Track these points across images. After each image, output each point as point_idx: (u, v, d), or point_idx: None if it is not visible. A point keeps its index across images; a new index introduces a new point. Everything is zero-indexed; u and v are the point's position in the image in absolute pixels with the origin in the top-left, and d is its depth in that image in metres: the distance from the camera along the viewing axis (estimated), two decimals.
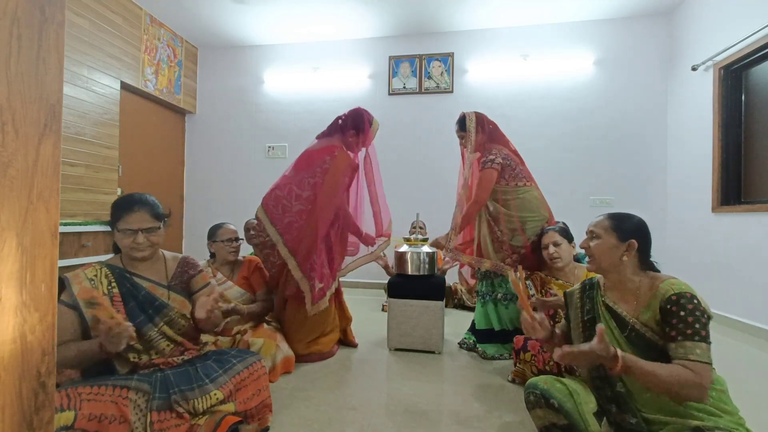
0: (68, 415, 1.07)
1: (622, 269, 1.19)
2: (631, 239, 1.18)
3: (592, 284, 1.31)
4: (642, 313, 1.13)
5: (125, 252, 1.37)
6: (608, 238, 1.20)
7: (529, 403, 1.24)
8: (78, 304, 1.26)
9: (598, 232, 1.23)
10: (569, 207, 3.93)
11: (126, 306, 1.32)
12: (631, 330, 1.14)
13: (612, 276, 1.22)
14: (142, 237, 1.34)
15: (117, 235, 1.35)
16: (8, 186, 0.54)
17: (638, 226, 1.22)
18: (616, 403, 1.13)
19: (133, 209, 1.34)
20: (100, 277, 1.33)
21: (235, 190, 4.68)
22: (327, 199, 2.12)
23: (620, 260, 1.18)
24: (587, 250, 1.25)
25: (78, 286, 1.28)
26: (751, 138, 3.10)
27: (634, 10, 3.87)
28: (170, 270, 1.47)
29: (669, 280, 1.12)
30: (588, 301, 1.28)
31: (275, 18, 4.08)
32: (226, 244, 2.15)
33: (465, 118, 2.44)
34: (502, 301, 2.38)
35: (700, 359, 0.98)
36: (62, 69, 0.62)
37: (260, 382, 1.42)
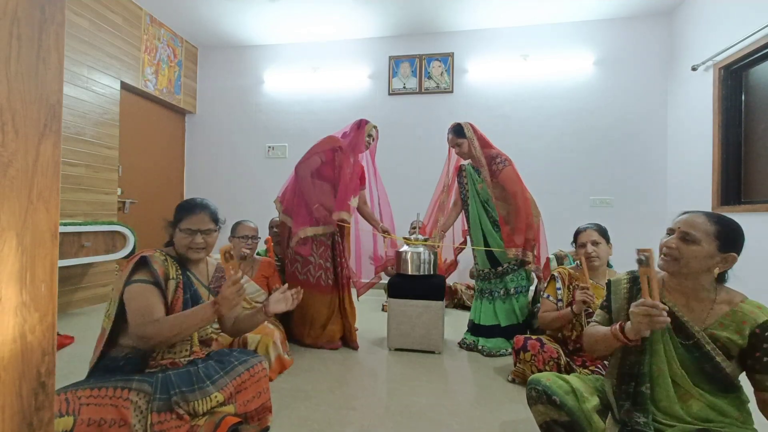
0: (67, 420, 1.07)
1: (704, 278, 1.08)
2: (733, 252, 1.06)
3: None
4: (714, 328, 1.05)
5: (182, 252, 1.43)
6: (708, 245, 1.04)
7: (530, 399, 1.24)
8: (160, 281, 1.31)
9: (695, 236, 1.05)
10: (569, 207, 3.93)
11: (184, 295, 1.37)
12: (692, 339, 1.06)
13: (688, 282, 1.10)
14: (201, 237, 1.41)
15: (177, 234, 1.42)
16: (8, 186, 0.54)
17: (741, 236, 1.09)
18: (633, 401, 1.10)
19: (195, 212, 1.43)
20: (169, 262, 1.38)
21: (235, 190, 4.68)
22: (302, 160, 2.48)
23: (709, 270, 1.06)
24: (671, 251, 1.08)
25: (156, 264, 1.33)
26: (751, 138, 3.10)
27: (634, 10, 3.87)
28: (210, 273, 1.53)
29: (750, 301, 1.06)
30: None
31: (275, 18, 4.08)
32: (241, 240, 2.24)
33: (461, 127, 2.54)
34: (515, 294, 2.46)
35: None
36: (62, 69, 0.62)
37: (261, 384, 1.42)
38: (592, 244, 1.89)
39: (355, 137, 2.56)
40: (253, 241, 2.26)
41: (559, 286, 1.96)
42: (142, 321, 1.23)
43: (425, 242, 2.55)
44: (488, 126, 2.67)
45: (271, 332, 1.98)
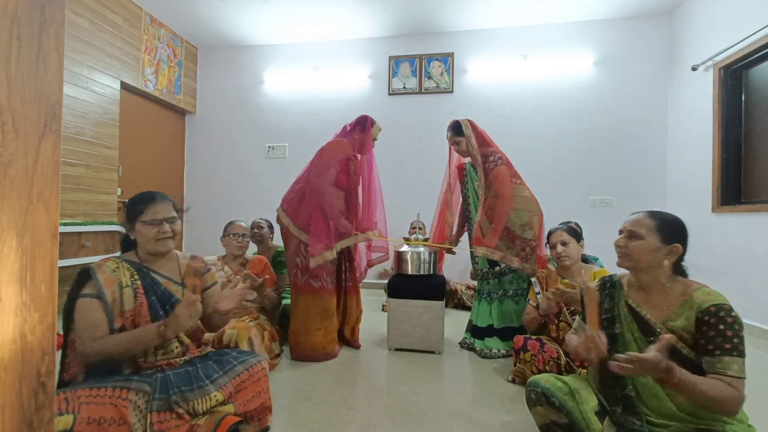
0: (67, 418, 1.07)
1: (658, 272, 1.14)
2: (676, 243, 1.13)
3: (612, 282, 1.25)
4: (671, 320, 1.09)
5: (148, 246, 1.37)
6: (652, 239, 1.13)
7: (530, 401, 1.24)
8: (104, 294, 1.26)
9: (639, 232, 1.14)
10: (569, 207, 3.93)
11: (148, 299, 1.33)
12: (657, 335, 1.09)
13: (645, 277, 1.16)
14: (167, 226, 1.37)
15: (140, 228, 1.36)
16: (8, 186, 0.54)
17: (682, 228, 1.15)
18: (623, 405, 1.11)
19: (156, 200, 1.38)
20: (122, 269, 1.33)
21: (235, 190, 4.68)
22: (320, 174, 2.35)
23: (659, 263, 1.13)
24: (622, 249, 1.17)
25: (103, 275, 1.28)
26: (751, 138, 3.10)
27: (634, 10, 3.87)
28: (182, 267, 1.49)
29: (703, 288, 1.09)
30: (608, 300, 1.22)
31: (275, 18, 4.08)
32: (233, 238, 2.24)
33: (459, 125, 2.53)
34: (513, 297, 2.43)
35: (739, 375, 0.97)
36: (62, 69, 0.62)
37: (261, 383, 1.42)
38: (561, 245, 1.98)
39: (361, 139, 2.48)
40: (243, 240, 2.26)
41: (538, 290, 2.06)
42: (87, 339, 1.21)
43: (425, 242, 2.55)
44: (488, 126, 2.66)
45: (248, 328, 1.92)
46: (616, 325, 1.18)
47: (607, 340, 1.10)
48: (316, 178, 2.34)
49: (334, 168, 2.36)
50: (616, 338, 1.16)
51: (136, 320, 1.30)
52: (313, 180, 2.34)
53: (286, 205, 2.40)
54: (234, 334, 1.86)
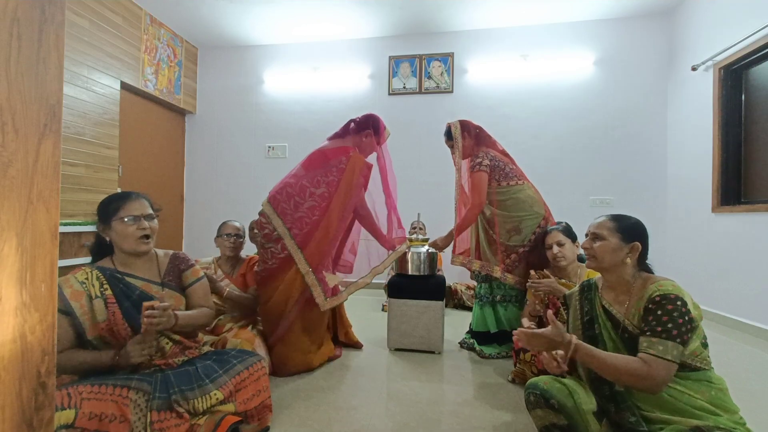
0: (69, 413, 1.07)
1: (623, 270, 1.22)
2: (635, 241, 1.21)
3: (590, 286, 1.33)
4: (632, 314, 1.16)
5: (127, 245, 1.34)
6: (612, 239, 1.22)
7: (529, 403, 1.24)
8: (71, 309, 1.24)
9: (601, 234, 1.24)
10: (569, 207, 3.93)
11: (121, 307, 1.30)
12: (623, 330, 1.16)
13: (611, 277, 1.25)
14: (146, 223, 1.34)
15: (117, 227, 1.32)
16: (8, 186, 0.54)
17: (640, 228, 1.25)
18: (614, 402, 1.13)
19: (132, 198, 1.35)
20: (91, 279, 1.30)
21: (235, 190, 4.68)
22: (345, 196, 2.14)
23: (622, 262, 1.21)
24: (589, 250, 1.27)
25: (69, 290, 1.26)
26: (751, 138, 3.10)
27: (634, 10, 3.87)
28: (162, 267, 1.46)
29: (660, 281, 1.13)
30: (587, 303, 1.30)
31: (275, 18, 4.08)
32: (225, 238, 2.20)
33: (450, 129, 2.49)
34: (501, 302, 2.39)
35: (660, 354, 1.01)
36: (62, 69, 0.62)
37: (260, 382, 1.42)
38: (557, 245, 1.99)
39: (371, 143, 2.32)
40: (236, 240, 2.21)
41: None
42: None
43: (425, 242, 2.55)
44: (488, 126, 2.65)
45: (252, 337, 1.93)
46: (595, 326, 1.25)
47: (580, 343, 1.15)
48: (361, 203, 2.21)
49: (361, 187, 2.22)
50: (596, 338, 1.22)
51: (114, 329, 1.28)
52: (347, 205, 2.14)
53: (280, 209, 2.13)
54: (237, 344, 1.87)
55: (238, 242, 2.22)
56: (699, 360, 1.08)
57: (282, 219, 2.12)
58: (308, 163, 2.23)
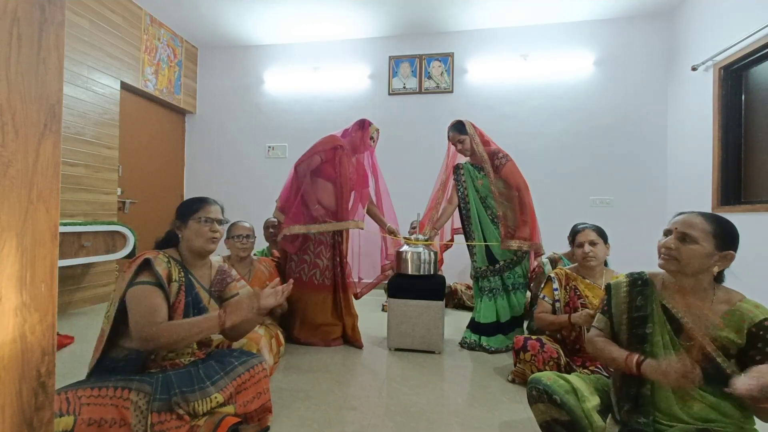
0: (68, 419, 1.07)
1: (704, 278, 1.09)
2: (730, 250, 1.08)
3: (644, 280, 1.20)
4: (714, 329, 1.06)
5: (197, 243, 1.41)
6: (706, 244, 1.07)
7: (531, 397, 1.24)
8: (164, 283, 1.29)
9: (693, 235, 1.07)
10: (569, 207, 3.93)
11: (186, 298, 1.36)
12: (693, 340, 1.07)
13: (685, 281, 1.11)
14: (218, 226, 1.44)
15: (193, 225, 1.41)
16: (8, 186, 0.54)
17: (737, 235, 1.10)
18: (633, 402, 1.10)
19: (210, 202, 1.46)
20: (172, 264, 1.37)
21: (235, 190, 4.68)
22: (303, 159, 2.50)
23: (708, 270, 1.08)
24: (670, 251, 1.10)
25: (160, 267, 1.32)
26: (751, 138, 3.10)
27: (634, 10, 3.87)
28: (212, 276, 1.52)
29: (748, 300, 1.08)
30: (640, 298, 1.17)
31: (275, 18, 4.08)
32: (236, 240, 2.20)
33: (462, 124, 2.57)
34: (513, 290, 2.50)
35: None
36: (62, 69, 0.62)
37: (261, 384, 1.42)
38: (589, 244, 1.90)
39: (357, 136, 2.60)
40: (248, 240, 2.22)
41: (556, 287, 1.96)
42: (146, 323, 1.22)
43: (425, 242, 2.55)
44: (488, 126, 2.67)
45: (258, 338, 1.93)
46: (647, 325, 1.13)
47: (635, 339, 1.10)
48: (299, 163, 2.48)
49: (318, 156, 2.48)
50: (645, 338, 1.13)
51: (172, 316, 1.32)
52: (296, 164, 2.49)
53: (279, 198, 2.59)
54: (243, 344, 1.87)
55: (249, 243, 2.23)
56: None
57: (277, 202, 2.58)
58: None
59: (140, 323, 1.22)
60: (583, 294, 1.89)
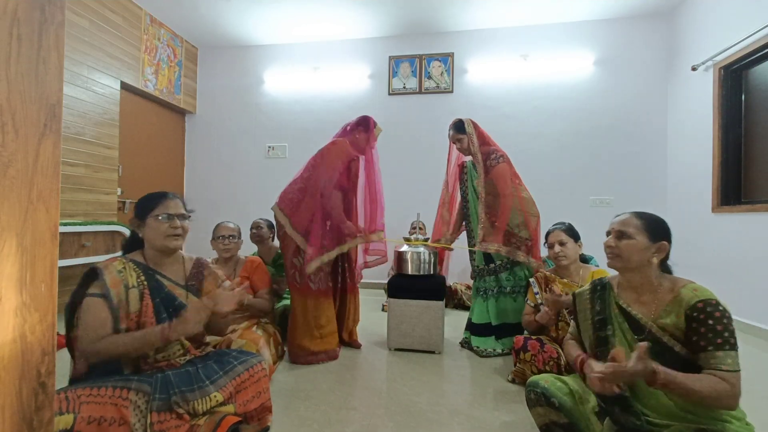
0: (67, 418, 1.07)
1: (647, 271, 1.17)
2: (663, 240, 1.16)
3: (603, 285, 1.28)
4: (661, 317, 1.11)
5: (158, 243, 1.37)
6: (640, 238, 1.17)
7: (530, 401, 1.24)
8: (110, 294, 1.26)
9: (628, 232, 1.18)
10: (569, 207, 3.93)
11: (153, 301, 1.33)
12: (648, 334, 1.11)
13: (633, 277, 1.19)
14: (178, 222, 1.38)
15: (152, 224, 1.36)
16: (8, 186, 0.54)
17: (667, 227, 1.20)
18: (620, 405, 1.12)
19: (169, 197, 1.40)
20: (128, 269, 1.33)
21: (235, 190, 4.68)
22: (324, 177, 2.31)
23: (648, 261, 1.16)
24: (613, 249, 1.20)
25: (109, 276, 1.28)
26: (751, 138, 3.10)
27: (634, 11, 3.87)
28: (187, 270, 1.49)
29: (690, 284, 1.10)
30: (599, 302, 1.25)
31: (275, 18, 4.08)
32: (219, 241, 2.18)
33: (462, 123, 2.55)
34: (511, 294, 2.43)
35: (732, 368, 0.97)
36: (62, 69, 0.62)
37: (261, 384, 1.42)
38: (559, 245, 1.99)
39: (362, 138, 2.45)
40: (230, 241, 2.18)
41: (537, 291, 2.07)
42: (88, 339, 1.20)
43: (425, 242, 2.55)
44: (488, 126, 2.66)
45: (257, 338, 1.92)
46: (608, 327, 1.20)
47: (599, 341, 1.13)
48: (326, 181, 2.29)
49: (337, 171, 2.34)
50: (607, 339, 1.18)
51: (141, 322, 1.30)
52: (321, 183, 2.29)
53: (284, 204, 2.36)
54: (242, 345, 1.86)
55: (233, 243, 2.19)
56: None
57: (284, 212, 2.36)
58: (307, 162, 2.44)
59: (83, 339, 1.21)
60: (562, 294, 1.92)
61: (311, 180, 2.34)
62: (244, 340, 1.89)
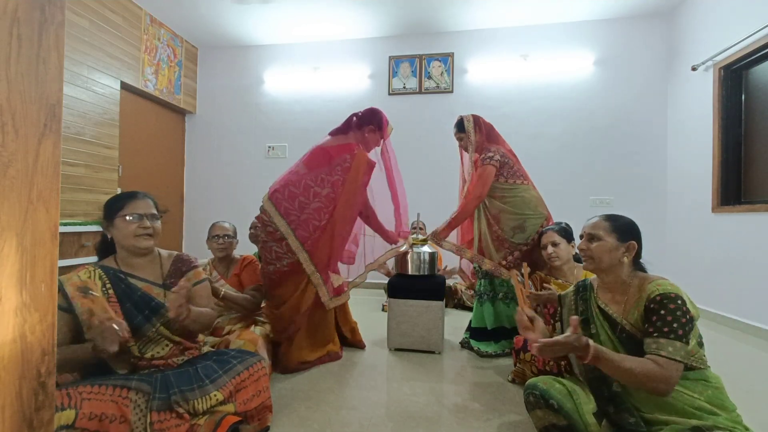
0: (69, 413, 1.07)
1: (619, 270, 1.22)
2: (631, 240, 1.22)
3: (585, 286, 1.34)
4: (630, 314, 1.16)
5: (127, 243, 1.34)
6: (609, 239, 1.22)
7: (528, 403, 1.24)
8: (72, 307, 1.23)
9: (597, 234, 1.24)
10: (569, 207, 3.92)
11: (122, 307, 1.30)
12: (621, 330, 1.17)
13: (607, 277, 1.25)
14: (148, 221, 1.34)
15: (119, 224, 1.33)
16: (8, 186, 0.54)
17: (635, 227, 1.26)
18: (613, 403, 1.14)
19: (138, 197, 1.37)
20: (93, 278, 1.30)
21: (235, 190, 4.68)
22: (350, 197, 2.13)
23: (619, 261, 1.21)
24: (585, 251, 1.26)
25: (71, 287, 1.25)
26: (751, 138, 3.10)
27: (634, 10, 3.87)
28: (165, 268, 1.45)
29: (657, 280, 1.14)
30: (582, 303, 1.31)
31: (275, 18, 4.08)
32: (213, 240, 2.17)
33: (463, 121, 2.51)
34: (504, 300, 2.39)
35: (670, 356, 1.01)
36: (62, 69, 0.62)
37: (260, 383, 1.42)
38: (551, 246, 2.00)
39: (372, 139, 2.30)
40: (225, 241, 2.16)
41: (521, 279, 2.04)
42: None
43: (425, 242, 2.55)
44: None
45: (255, 338, 1.91)
46: (591, 326, 1.25)
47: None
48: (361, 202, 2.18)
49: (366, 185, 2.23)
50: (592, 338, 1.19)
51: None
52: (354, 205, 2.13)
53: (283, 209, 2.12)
54: (240, 345, 1.86)
55: (228, 243, 2.18)
56: (696, 359, 1.08)
57: (285, 219, 2.11)
58: (310, 161, 2.19)
59: None
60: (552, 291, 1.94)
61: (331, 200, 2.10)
62: (242, 340, 1.89)
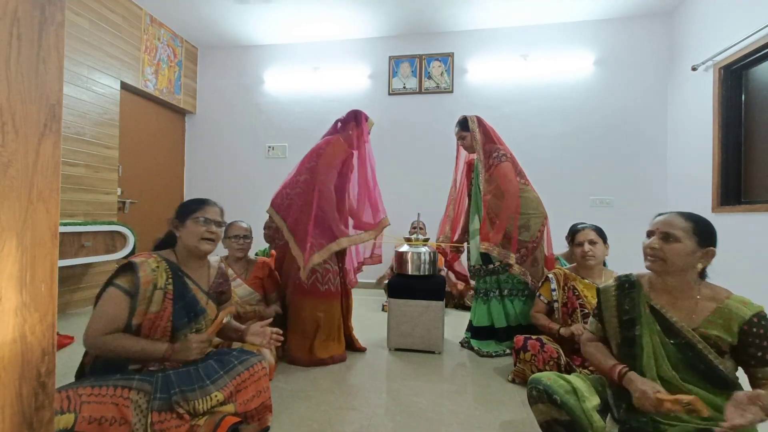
0: (68, 417, 1.07)
1: (689, 276, 1.12)
2: (711, 246, 1.11)
3: (631, 283, 1.22)
4: (704, 327, 1.08)
5: (192, 244, 1.41)
6: (689, 242, 1.10)
7: (531, 398, 1.24)
8: (137, 292, 1.28)
9: (676, 235, 1.10)
10: (569, 207, 3.93)
11: (174, 305, 1.35)
12: (682, 339, 1.09)
13: (672, 280, 1.14)
14: (214, 227, 1.43)
15: (190, 225, 1.41)
16: (8, 186, 0.54)
17: (715, 232, 1.13)
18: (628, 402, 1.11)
19: (209, 204, 1.47)
20: (161, 270, 1.35)
21: (235, 190, 4.68)
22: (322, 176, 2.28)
23: (692, 267, 1.11)
24: (656, 251, 1.13)
25: (143, 273, 1.30)
26: (751, 138, 3.10)
27: (634, 10, 3.87)
28: (211, 277, 1.52)
29: (735, 296, 1.10)
30: (627, 301, 1.19)
31: (275, 18, 4.08)
32: (233, 240, 2.19)
33: (466, 120, 2.53)
34: (509, 296, 2.39)
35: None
36: (62, 69, 0.62)
37: (261, 383, 1.42)
38: (589, 243, 1.92)
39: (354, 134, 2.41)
40: (245, 241, 2.20)
41: (554, 287, 1.99)
42: (94, 330, 1.23)
43: (425, 242, 2.55)
44: None
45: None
46: (636, 327, 1.15)
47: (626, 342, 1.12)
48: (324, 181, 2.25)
49: (336, 169, 2.32)
50: (635, 340, 1.15)
51: (156, 323, 1.32)
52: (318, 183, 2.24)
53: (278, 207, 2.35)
54: (242, 344, 1.85)
55: (247, 243, 2.22)
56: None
57: (280, 214, 2.34)
58: (301, 162, 2.41)
59: (90, 328, 1.23)
60: (581, 294, 1.89)
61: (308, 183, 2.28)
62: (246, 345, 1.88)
